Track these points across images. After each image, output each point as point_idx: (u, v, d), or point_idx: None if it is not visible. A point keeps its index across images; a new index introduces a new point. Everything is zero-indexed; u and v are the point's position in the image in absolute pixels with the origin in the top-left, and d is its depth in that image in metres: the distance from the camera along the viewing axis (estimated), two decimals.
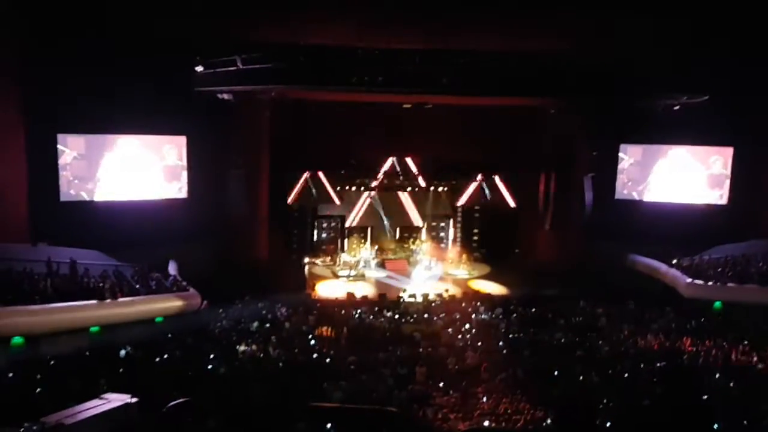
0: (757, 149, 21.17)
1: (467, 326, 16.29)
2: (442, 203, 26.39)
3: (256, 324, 16.14)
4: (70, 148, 19.02)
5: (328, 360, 13.69)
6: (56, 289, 14.50)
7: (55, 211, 18.40)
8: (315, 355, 13.92)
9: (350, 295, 20.08)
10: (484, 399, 11.18)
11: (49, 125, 18.26)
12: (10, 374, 11.18)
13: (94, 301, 14.65)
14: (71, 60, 17.03)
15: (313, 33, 17.45)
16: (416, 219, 26.42)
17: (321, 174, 24.02)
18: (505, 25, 16.69)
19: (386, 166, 24.66)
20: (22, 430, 3.67)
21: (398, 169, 24.75)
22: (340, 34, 17.61)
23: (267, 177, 21.94)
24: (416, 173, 24.94)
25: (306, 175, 23.67)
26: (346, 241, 25.67)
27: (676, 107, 20.18)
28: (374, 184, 24.78)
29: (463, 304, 18.96)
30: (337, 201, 24.61)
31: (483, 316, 17.47)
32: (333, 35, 17.67)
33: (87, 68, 17.06)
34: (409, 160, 24.83)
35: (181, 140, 20.93)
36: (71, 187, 19.15)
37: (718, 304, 17.42)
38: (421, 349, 14.36)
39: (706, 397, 10.78)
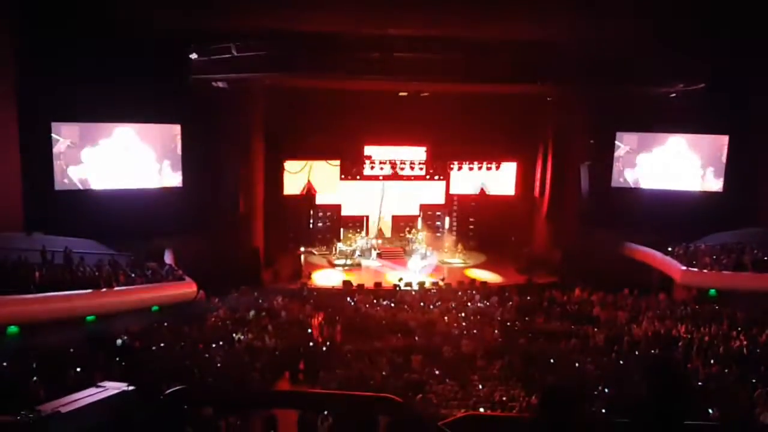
0: (753, 137, 21.18)
1: (463, 314, 16.34)
2: (439, 191, 26.37)
3: (252, 313, 16.15)
4: (64, 137, 18.90)
5: (324, 348, 13.73)
6: (51, 279, 14.47)
7: (49, 200, 18.31)
8: (311, 344, 13.96)
9: (346, 284, 20.11)
10: (480, 386, 11.24)
11: (43, 114, 18.12)
12: (5, 363, 11.18)
13: (89, 290, 14.62)
14: (65, 48, 16.87)
15: (310, 20, 17.31)
16: (413, 208, 26.40)
17: (317, 162, 24.04)
18: (504, 13, 16.59)
19: (382, 155, 24.58)
20: (18, 418, 3.64)
21: (394, 157, 24.69)
22: (337, 20, 17.49)
23: (262, 166, 21.85)
24: (413, 161, 24.89)
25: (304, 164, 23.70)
26: (341, 230, 25.63)
27: (673, 95, 20.18)
28: (371, 172, 24.73)
29: (459, 293, 19.01)
30: (332, 191, 24.61)
31: (478, 305, 17.52)
32: (330, 22, 17.54)
33: (81, 57, 16.91)
34: (405, 148, 24.77)
35: (176, 129, 20.81)
36: (65, 176, 19.05)
37: (712, 291, 17.51)
38: (416, 338, 14.41)
39: (700, 383, 10.86)
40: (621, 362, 12.43)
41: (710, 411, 9.30)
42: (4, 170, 17.03)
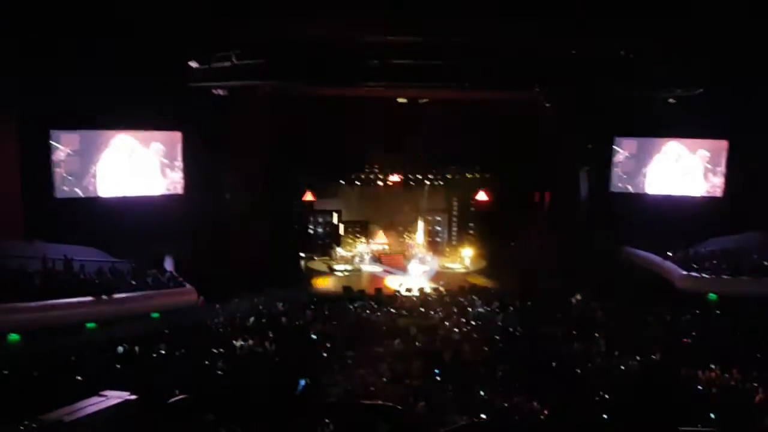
0: (752, 142, 21.21)
1: (463, 320, 16.33)
2: (438, 197, 26.45)
3: (252, 319, 16.14)
4: (63, 145, 18.93)
5: (324, 354, 13.71)
6: (52, 286, 14.47)
7: (49, 208, 18.33)
8: (311, 350, 13.93)
9: (346, 289, 20.10)
10: (481, 393, 11.22)
11: (43, 121, 18.16)
12: (6, 371, 11.18)
13: (90, 298, 14.61)
14: (64, 56, 16.93)
15: (309, 27, 17.38)
16: (413, 213, 26.47)
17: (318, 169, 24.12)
18: (501, 19, 16.67)
19: (382, 160, 24.63)
20: (21, 428, 3.67)
21: (394, 163, 24.74)
22: (335, 28, 17.56)
23: (263, 172, 21.88)
24: (412, 167, 24.93)
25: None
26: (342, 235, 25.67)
27: (672, 100, 20.23)
28: (370, 178, 24.79)
29: (459, 298, 19.01)
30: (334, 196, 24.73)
31: (479, 310, 17.50)
32: (328, 29, 17.60)
33: (80, 64, 16.96)
34: (405, 154, 24.81)
35: (177, 136, 20.86)
36: (65, 184, 19.07)
37: (712, 296, 17.52)
38: (417, 343, 14.39)
39: (700, 388, 10.87)
40: (622, 367, 12.42)
41: (711, 416, 9.31)
42: (3, 178, 17.06)
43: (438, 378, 12.08)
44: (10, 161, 17.33)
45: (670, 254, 19.71)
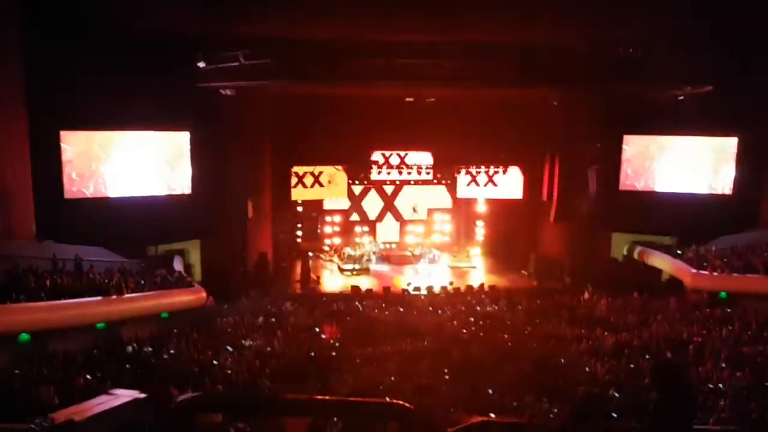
0: (762, 139, 21.04)
1: (472, 319, 16.30)
2: (446, 196, 26.42)
3: (261, 318, 16.18)
4: (72, 145, 19.02)
5: (333, 353, 13.72)
6: (62, 286, 14.54)
7: (59, 209, 18.42)
8: (320, 349, 13.95)
9: (355, 288, 20.12)
10: (490, 391, 11.19)
11: (52, 122, 18.24)
12: (17, 370, 11.25)
13: (100, 298, 14.69)
14: (73, 57, 17.01)
15: (316, 27, 17.39)
16: (421, 212, 26.45)
17: (324, 167, 24.16)
18: (508, 17, 16.61)
19: (390, 160, 24.63)
20: (31, 426, 3.68)
21: (401, 162, 24.73)
22: (341, 27, 17.56)
23: (270, 172, 21.94)
24: (420, 166, 24.91)
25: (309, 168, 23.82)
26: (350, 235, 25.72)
27: (681, 98, 20.10)
28: (377, 177, 24.78)
29: (468, 297, 18.98)
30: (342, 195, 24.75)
31: (487, 309, 17.47)
32: (335, 29, 17.61)
33: (89, 65, 17.03)
34: (412, 154, 24.79)
35: (184, 136, 20.91)
36: (74, 184, 19.16)
37: (723, 294, 17.40)
38: (426, 342, 14.38)
39: (711, 386, 10.79)
40: (631, 366, 12.36)
41: (722, 415, 9.24)
42: (15, 179, 17.15)
43: (446, 376, 12.07)
44: (22, 162, 17.41)
45: (680, 252, 19.59)
